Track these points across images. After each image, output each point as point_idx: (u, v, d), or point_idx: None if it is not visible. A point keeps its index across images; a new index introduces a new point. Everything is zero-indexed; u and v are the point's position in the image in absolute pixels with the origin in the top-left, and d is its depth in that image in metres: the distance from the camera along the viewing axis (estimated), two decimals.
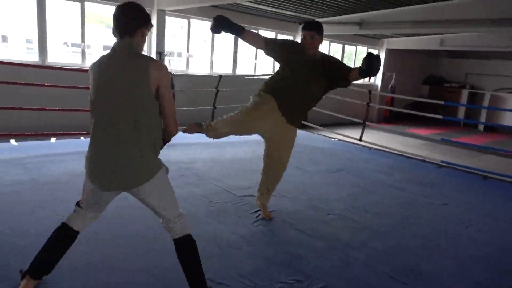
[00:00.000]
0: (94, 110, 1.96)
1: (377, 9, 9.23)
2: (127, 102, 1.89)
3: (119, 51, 1.95)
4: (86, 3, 7.92)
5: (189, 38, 9.62)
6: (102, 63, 1.98)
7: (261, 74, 10.84)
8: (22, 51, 8.18)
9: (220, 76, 7.28)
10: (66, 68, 6.81)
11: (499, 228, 3.81)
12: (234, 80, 10.16)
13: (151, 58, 2.00)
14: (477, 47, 12.24)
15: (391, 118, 14.21)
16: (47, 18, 7.50)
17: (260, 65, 11.24)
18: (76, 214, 2.18)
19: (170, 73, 8.42)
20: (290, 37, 11.80)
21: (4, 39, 7.76)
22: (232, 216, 3.52)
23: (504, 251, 3.27)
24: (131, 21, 1.96)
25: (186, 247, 2.09)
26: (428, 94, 16.38)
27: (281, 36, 11.56)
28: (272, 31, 11.23)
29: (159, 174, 2.01)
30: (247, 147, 6.32)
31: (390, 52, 14.46)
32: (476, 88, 15.65)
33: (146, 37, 2.06)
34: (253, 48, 10.86)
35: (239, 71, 10.80)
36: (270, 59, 11.37)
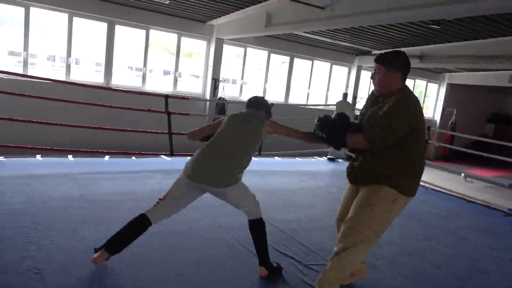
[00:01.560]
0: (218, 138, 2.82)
1: (439, 42, 8.85)
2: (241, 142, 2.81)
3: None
4: (151, 31, 8.38)
5: (244, 65, 9.80)
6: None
7: (313, 104, 10.72)
8: (92, 73, 8.77)
9: (271, 104, 7.21)
10: (125, 90, 7.15)
11: None
12: (286, 109, 10.12)
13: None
14: None
15: (450, 157, 13.34)
16: (115, 43, 8.01)
17: (313, 94, 11.14)
18: (157, 208, 2.69)
19: (223, 98, 8.69)
20: (345, 68, 11.65)
21: (77, 61, 8.38)
22: (273, 253, 3.31)
23: None
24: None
25: (257, 226, 2.85)
26: (493, 133, 15.26)
27: (335, 67, 11.45)
28: (327, 61, 11.15)
29: (240, 183, 2.81)
30: (292, 178, 6.13)
31: (451, 87, 13.75)
32: None
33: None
34: (306, 78, 10.86)
35: (292, 100, 10.76)
36: (323, 90, 11.34)
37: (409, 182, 2.43)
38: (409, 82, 13.70)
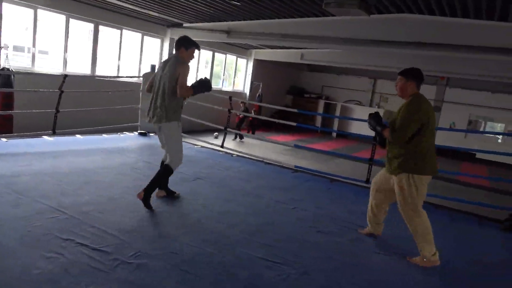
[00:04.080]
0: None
1: (243, 19, 9.47)
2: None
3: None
4: None
5: (36, 31, 8.36)
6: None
7: (126, 76, 10.11)
8: None
9: (65, 75, 6.42)
10: None
11: (336, 225, 4.10)
12: (93, 81, 9.24)
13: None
14: (331, 63, 13.67)
15: (259, 126, 14.85)
16: None
17: (124, 67, 10.48)
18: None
19: (8, 69, 7.27)
20: (158, 40, 11.34)
21: None
22: (55, 242, 2.97)
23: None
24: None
25: (162, 169, 4.02)
26: (291, 103, 17.74)
27: (148, 39, 11.02)
28: (138, 31, 10.60)
29: (172, 124, 3.87)
30: (96, 156, 5.68)
31: (257, 63, 15.13)
32: (330, 99, 17.54)
33: None
34: (116, 48, 10.10)
35: (100, 72, 9.86)
36: (135, 62, 10.81)
37: (422, 164, 3.30)
38: (220, 57, 14.35)
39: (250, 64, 15.21)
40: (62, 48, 8.92)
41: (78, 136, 6.86)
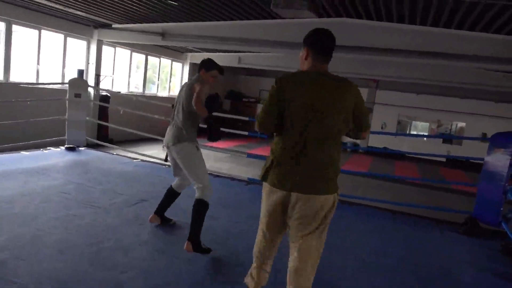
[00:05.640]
0: None
1: (178, 20, 8.90)
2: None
3: None
4: None
5: None
6: None
7: (45, 83, 8.95)
8: None
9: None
10: None
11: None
12: (7, 89, 8.02)
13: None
14: (269, 67, 13.53)
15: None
16: None
17: (45, 72, 9.30)
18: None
19: None
20: (84, 42, 10.28)
21: None
22: None
23: None
24: None
25: (196, 205, 3.35)
26: (230, 108, 17.41)
27: (71, 40, 9.93)
28: (60, 32, 9.49)
29: (186, 146, 3.42)
30: (12, 180, 4.75)
31: (193, 66, 14.53)
32: None
33: None
34: (33, 51, 8.91)
35: (15, 78, 8.61)
36: (58, 65, 9.64)
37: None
38: (154, 61, 13.55)
39: (186, 68, 14.56)
40: None
41: None
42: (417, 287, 3.21)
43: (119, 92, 11.18)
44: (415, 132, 17.44)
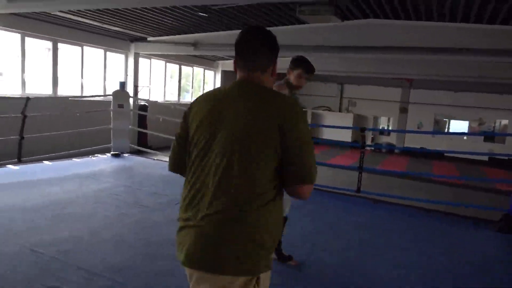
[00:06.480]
0: None
1: (209, 30, 9.27)
2: None
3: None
4: None
5: None
6: None
7: (89, 95, 9.58)
8: None
9: (28, 98, 5.91)
10: None
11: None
12: (55, 102, 8.67)
13: None
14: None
15: None
16: None
17: (88, 85, 9.94)
18: None
19: None
20: (122, 56, 10.89)
21: None
22: None
23: None
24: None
25: None
26: None
27: (111, 55, 10.55)
28: (100, 47, 10.12)
29: None
30: (68, 184, 5.20)
31: (225, 73, 14.92)
32: None
33: None
34: (78, 66, 9.55)
35: (62, 92, 9.27)
36: (100, 79, 10.27)
37: None
38: (187, 70, 14.05)
39: (218, 76, 14.98)
40: (19, 68, 8.31)
41: (46, 162, 6.30)
42: (452, 285, 3.21)
43: (157, 101, 11.72)
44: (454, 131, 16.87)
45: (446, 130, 16.57)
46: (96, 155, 7.22)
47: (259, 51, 1.50)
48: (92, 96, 9.26)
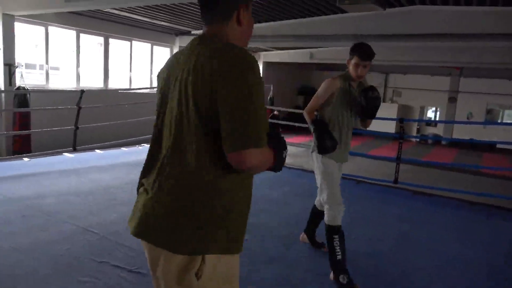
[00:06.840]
0: None
1: (254, 22, 9.37)
2: None
3: None
4: None
5: (48, 47, 8.39)
6: None
7: (137, 88, 10.10)
8: None
9: (82, 91, 6.39)
10: None
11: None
12: (106, 94, 9.23)
13: None
14: (340, 60, 13.48)
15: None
16: None
17: (136, 78, 10.47)
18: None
19: (24, 88, 7.25)
20: (167, 49, 11.31)
21: None
22: (90, 265, 2.88)
23: None
24: None
25: (327, 232, 2.82)
26: (303, 104, 17.55)
27: (157, 48, 11.00)
28: (147, 42, 10.60)
29: (315, 156, 2.97)
30: (119, 171, 5.60)
31: (267, 65, 15.02)
32: None
33: None
34: (126, 60, 10.09)
35: (112, 85, 9.86)
36: (146, 73, 10.77)
37: None
38: None
39: (260, 67, 15.10)
40: (73, 63, 8.93)
41: (98, 151, 6.81)
42: (495, 281, 3.13)
43: None
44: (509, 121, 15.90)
45: (499, 121, 15.63)
46: (142, 144, 7.66)
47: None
48: (139, 89, 9.76)
